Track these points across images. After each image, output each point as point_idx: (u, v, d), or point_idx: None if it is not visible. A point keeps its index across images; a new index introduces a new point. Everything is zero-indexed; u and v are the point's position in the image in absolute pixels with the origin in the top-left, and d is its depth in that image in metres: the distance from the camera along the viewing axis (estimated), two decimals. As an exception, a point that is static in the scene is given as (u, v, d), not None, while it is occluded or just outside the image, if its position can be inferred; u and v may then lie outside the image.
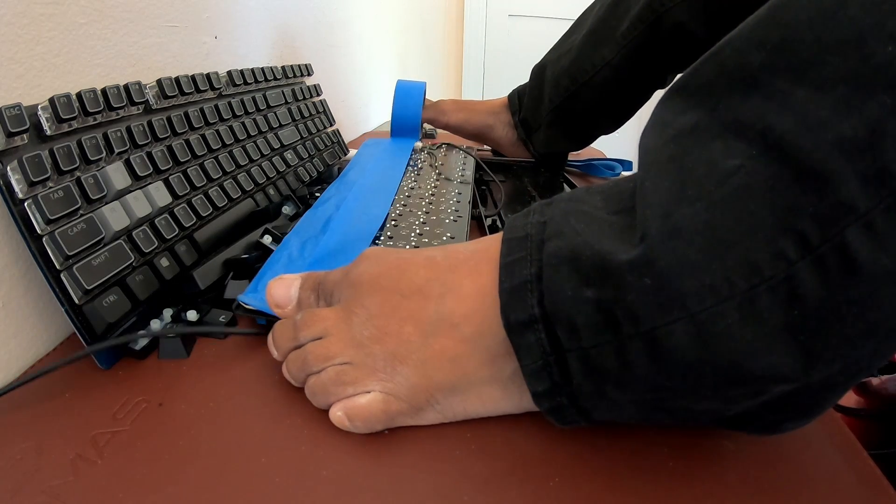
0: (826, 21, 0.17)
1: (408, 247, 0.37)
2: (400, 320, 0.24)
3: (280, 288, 0.27)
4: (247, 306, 0.30)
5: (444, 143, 0.66)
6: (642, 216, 0.19)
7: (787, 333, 0.17)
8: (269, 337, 0.27)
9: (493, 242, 0.24)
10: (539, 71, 0.68)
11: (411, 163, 0.56)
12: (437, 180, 0.50)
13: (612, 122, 0.65)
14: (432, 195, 0.47)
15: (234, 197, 0.40)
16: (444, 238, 0.39)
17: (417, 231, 0.40)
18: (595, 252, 0.19)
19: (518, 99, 0.70)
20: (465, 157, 0.60)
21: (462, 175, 0.52)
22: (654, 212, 0.19)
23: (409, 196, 0.46)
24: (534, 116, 0.67)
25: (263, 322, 0.30)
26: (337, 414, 0.24)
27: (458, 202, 0.46)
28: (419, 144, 0.62)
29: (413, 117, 0.64)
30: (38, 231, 0.25)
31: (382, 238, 0.38)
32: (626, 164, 0.73)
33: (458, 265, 0.24)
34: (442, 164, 0.56)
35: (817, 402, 0.20)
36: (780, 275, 0.16)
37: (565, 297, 0.20)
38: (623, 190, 0.22)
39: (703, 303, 0.17)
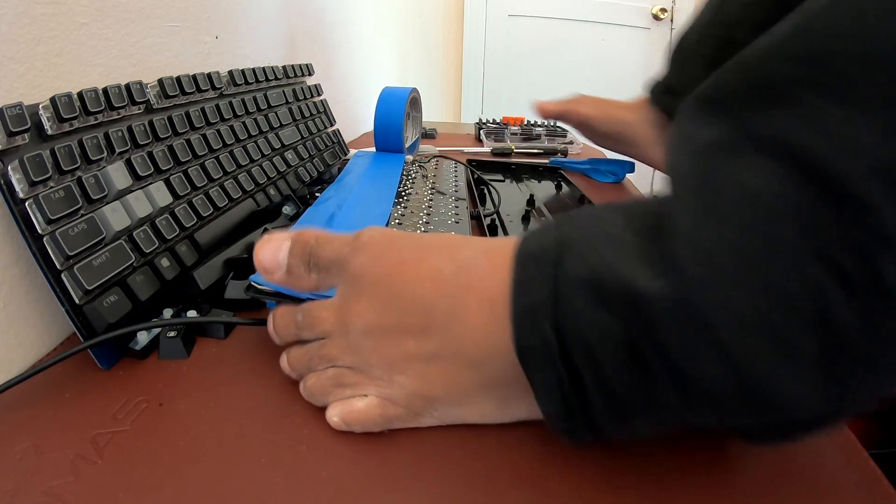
0: (868, 34, 0.15)
1: None
2: (400, 335, 0.23)
3: (268, 251, 0.25)
4: (259, 286, 0.30)
5: (435, 157, 0.66)
6: (671, 242, 0.18)
7: (821, 366, 0.16)
8: (270, 323, 0.27)
9: (509, 258, 0.21)
10: (675, 44, 0.63)
11: (404, 172, 0.56)
12: (432, 193, 0.50)
13: None
14: (430, 201, 0.47)
15: (235, 197, 0.40)
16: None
17: (422, 229, 0.40)
18: (619, 277, 0.18)
19: (655, 82, 0.65)
20: (456, 169, 0.60)
21: (456, 189, 0.52)
22: (682, 238, 0.17)
23: (408, 200, 0.47)
24: (679, 78, 0.62)
25: (274, 305, 0.30)
26: (334, 419, 0.24)
27: (457, 207, 0.46)
28: (409, 158, 0.62)
29: (396, 124, 0.62)
30: (39, 231, 0.25)
31: None
32: (628, 166, 0.73)
33: (469, 284, 0.22)
34: (435, 177, 0.56)
35: (835, 417, 0.19)
36: (813, 306, 0.15)
37: (585, 325, 0.18)
38: (647, 210, 0.20)
39: (734, 335, 0.16)
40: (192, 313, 0.30)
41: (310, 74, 0.62)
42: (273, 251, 0.25)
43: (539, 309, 0.19)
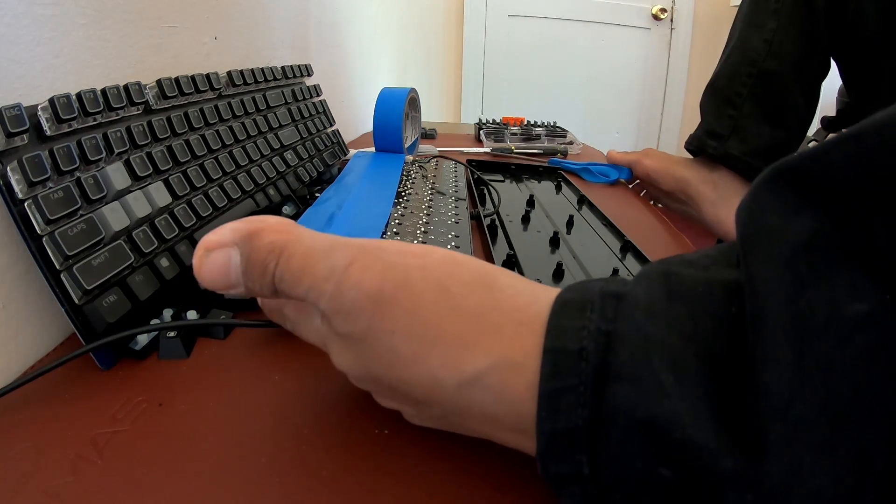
0: None
1: (415, 242, 0.38)
2: (394, 402, 0.22)
3: (213, 271, 0.20)
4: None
5: (435, 157, 0.66)
6: (757, 412, 0.14)
7: None
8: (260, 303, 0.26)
9: (533, 359, 0.17)
10: (704, 93, 0.67)
11: (404, 173, 0.56)
12: (432, 193, 0.50)
13: (812, 95, 0.62)
14: (430, 201, 0.47)
15: (235, 197, 0.40)
16: (449, 236, 0.39)
17: (422, 229, 0.40)
18: (687, 440, 0.15)
19: (693, 135, 0.68)
20: (455, 168, 0.60)
21: (456, 190, 0.52)
22: (772, 406, 0.14)
23: (408, 200, 0.47)
24: (719, 119, 0.64)
25: None
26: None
27: (457, 207, 0.46)
28: (409, 158, 0.62)
29: (394, 124, 0.61)
30: (38, 231, 0.25)
31: (388, 234, 0.38)
32: (625, 172, 0.73)
33: (471, 409, 0.19)
34: (434, 177, 0.56)
35: None
36: (893, 468, 0.13)
37: (632, 477, 0.16)
38: (719, 315, 0.16)
39: None
40: (191, 314, 0.30)
41: (309, 75, 0.62)
42: (220, 271, 0.21)
43: (572, 435, 0.16)
